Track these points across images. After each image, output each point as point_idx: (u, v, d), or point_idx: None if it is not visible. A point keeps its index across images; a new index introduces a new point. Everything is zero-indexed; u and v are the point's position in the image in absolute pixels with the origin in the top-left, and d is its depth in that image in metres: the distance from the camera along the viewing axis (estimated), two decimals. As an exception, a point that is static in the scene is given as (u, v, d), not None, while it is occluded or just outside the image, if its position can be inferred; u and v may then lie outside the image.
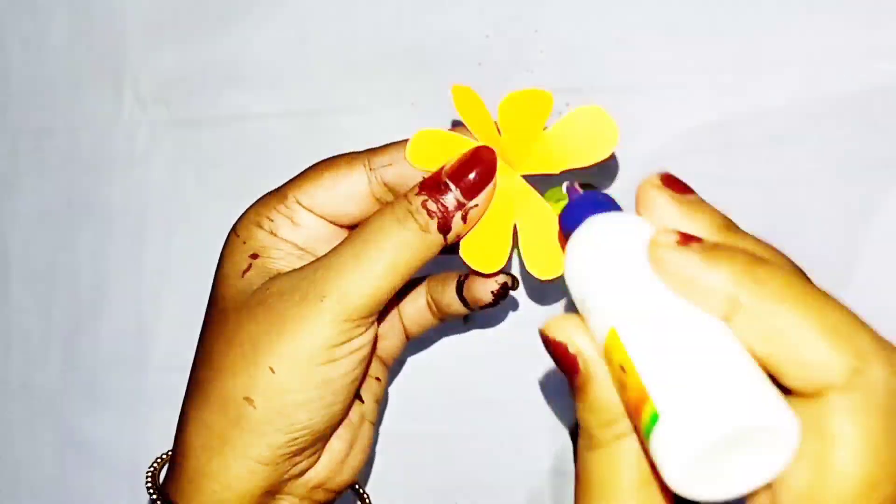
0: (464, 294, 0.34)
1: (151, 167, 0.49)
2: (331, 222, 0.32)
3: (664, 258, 0.21)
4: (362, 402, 0.33)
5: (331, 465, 0.32)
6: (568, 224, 0.24)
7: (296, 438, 0.29)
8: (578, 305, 0.22)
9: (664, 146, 0.41)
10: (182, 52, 0.48)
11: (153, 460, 0.34)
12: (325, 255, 0.30)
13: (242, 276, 0.31)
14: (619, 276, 0.21)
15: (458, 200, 0.29)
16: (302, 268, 0.30)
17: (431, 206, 0.28)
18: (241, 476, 0.29)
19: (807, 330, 0.19)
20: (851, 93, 0.39)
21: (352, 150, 0.45)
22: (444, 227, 0.29)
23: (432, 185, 0.29)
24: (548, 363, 0.41)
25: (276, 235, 0.31)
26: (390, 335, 0.36)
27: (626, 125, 0.41)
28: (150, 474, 0.32)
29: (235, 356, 0.29)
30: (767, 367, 0.20)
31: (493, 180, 0.29)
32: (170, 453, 0.33)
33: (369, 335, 0.30)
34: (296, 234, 0.31)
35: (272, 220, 0.32)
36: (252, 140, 0.47)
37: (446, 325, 0.40)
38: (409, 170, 0.31)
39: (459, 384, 0.44)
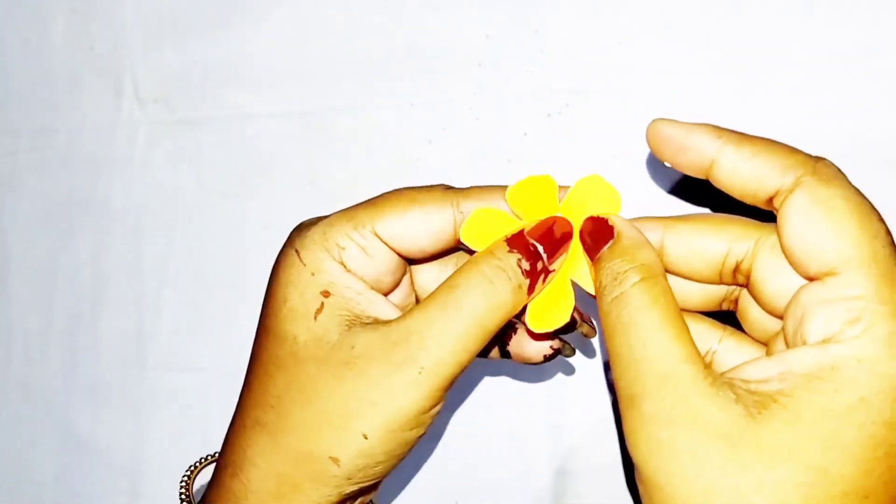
0: (508, 348, 0.34)
1: (151, 167, 0.49)
2: (400, 255, 0.31)
3: (660, 128, 0.28)
4: None
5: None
6: None
7: (365, 487, 0.30)
8: None
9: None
10: (182, 52, 0.48)
11: (186, 470, 0.34)
12: (414, 317, 0.29)
13: (315, 319, 0.29)
14: None
15: (543, 264, 0.29)
16: (389, 326, 0.29)
17: (525, 265, 0.28)
18: None
19: (773, 150, 0.27)
20: (851, 93, 0.39)
21: (351, 149, 0.46)
22: (531, 290, 0.28)
23: (522, 245, 0.28)
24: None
25: (346, 267, 0.30)
26: None
27: (624, 126, 0.42)
28: (184, 483, 0.33)
29: (321, 415, 0.29)
30: (755, 192, 0.27)
31: (568, 246, 0.29)
32: (200, 462, 0.34)
33: (443, 397, 0.30)
34: (366, 266, 0.30)
35: (343, 248, 0.30)
36: (252, 140, 0.47)
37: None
38: None
39: (460, 384, 0.44)
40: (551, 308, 0.29)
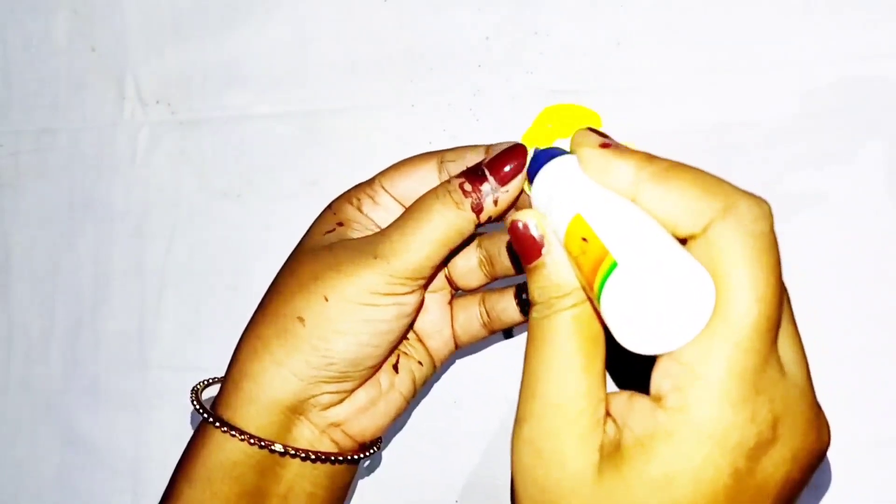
0: (524, 296, 0.38)
1: (152, 167, 0.49)
2: (404, 206, 0.37)
3: (588, 156, 0.28)
4: (396, 372, 0.37)
5: (351, 411, 0.36)
6: (541, 160, 0.31)
7: (329, 364, 0.34)
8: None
9: (662, 147, 0.41)
10: (183, 53, 0.49)
11: (199, 381, 0.38)
12: (387, 226, 0.35)
13: (324, 235, 0.36)
14: (581, 182, 0.28)
15: (492, 187, 0.33)
16: (368, 235, 0.35)
17: (467, 187, 0.33)
18: (275, 381, 0.34)
19: (688, 190, 0.25)
20: (849, 93, 0.39)
21: (352, 150, 0.46)
22: (477, 207, 0.33)
23: (472, 172, 0.34)
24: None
25: (360, 211, 0.36)
26: (439, 336, 0.39)
27: (624, 126, 0.42)
28: (194, 390, 0.37)
29: (297, 284, 0.35)
30: (675, 233, 0.26)
31: (524, 173, 0.33)
32: (213, 378, 0.38)
33: (411, 298, 0.34)
34: (376, 212, 0.36)
35: (359, 199, 0.37)
36: (253, 140, 0.47)
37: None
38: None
39: (460, 383, 0.44)
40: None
